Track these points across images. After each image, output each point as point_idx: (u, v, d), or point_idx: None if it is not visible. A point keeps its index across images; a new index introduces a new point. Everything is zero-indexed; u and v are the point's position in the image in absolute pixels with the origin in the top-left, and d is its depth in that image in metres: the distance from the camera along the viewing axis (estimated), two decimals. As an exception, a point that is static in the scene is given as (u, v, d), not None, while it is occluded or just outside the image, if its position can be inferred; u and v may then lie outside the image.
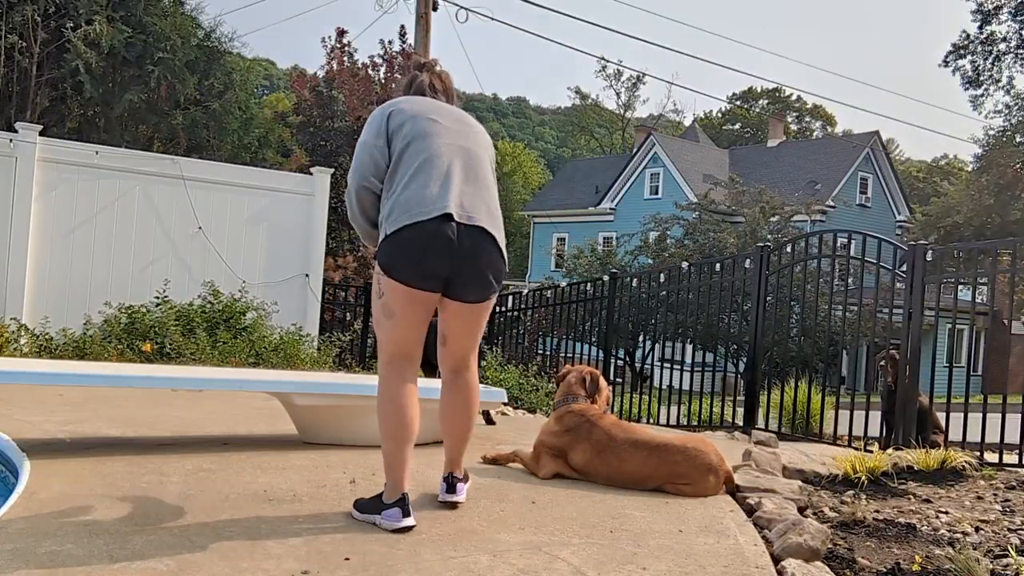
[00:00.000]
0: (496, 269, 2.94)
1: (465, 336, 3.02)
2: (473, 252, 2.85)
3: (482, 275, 2.90)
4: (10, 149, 7.81)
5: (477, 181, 2.94)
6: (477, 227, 2.85)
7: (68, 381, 4.54)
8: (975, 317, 14.23)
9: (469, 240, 2.83)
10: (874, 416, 6.55)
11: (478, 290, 2.92)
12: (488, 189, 2.98)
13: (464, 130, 3.05)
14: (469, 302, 2.94)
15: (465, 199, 2.86)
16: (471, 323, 3.01)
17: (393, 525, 2.74)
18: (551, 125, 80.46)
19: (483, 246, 2.88)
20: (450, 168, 2.89)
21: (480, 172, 2.97)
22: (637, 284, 9.54)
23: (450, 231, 2.79)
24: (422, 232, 2.77)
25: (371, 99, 12.04)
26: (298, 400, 4.15)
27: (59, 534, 2.53)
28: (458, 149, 2.96)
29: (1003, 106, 31.35)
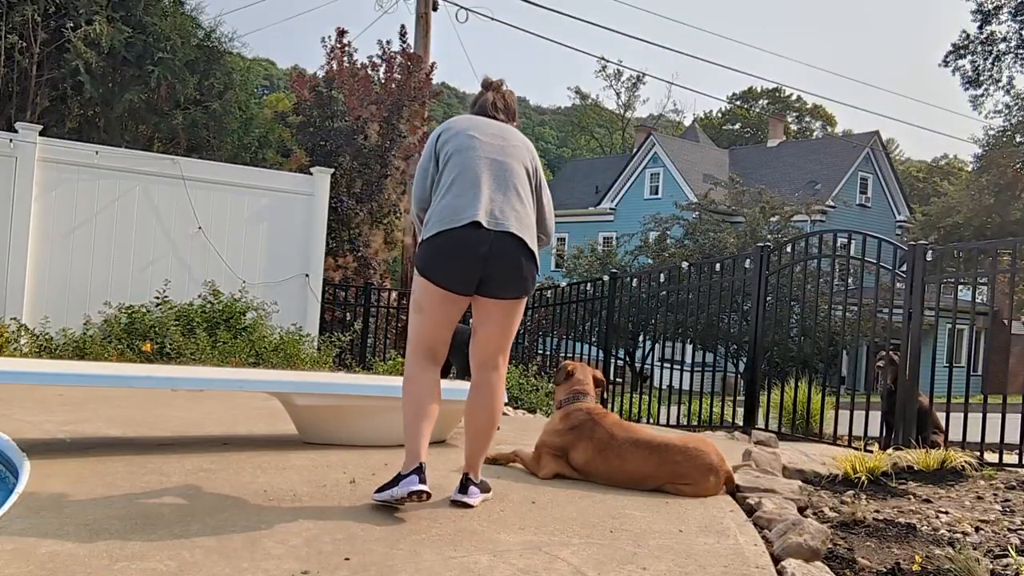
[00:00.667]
0: (527, 271, 3.17)
1: (495, 333, 3.22)
2: (503, 256, 3.09)
3: (512, 277, 3.14)
4: (10, 149, 7.81)
5: (507, 190, 3.17)
6: (507, 232, 3.09)
7: (68, 381, 4.55)
8: (975, 317, 14.23)
9: (499, 245, 3.08)
10: (874, 416, 6.55)
11: (511, 288, 3.15)
12: (519, 197, 3.19)
13: (500, 144, 3.27)
14: (500, 299, 3.16)
15: (495, 207, 3.11)
16: (503, 319, 3.21)
17: (408, 488, 2.92)
18: (551, 125, 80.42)
19: (512, 250, 3.12)
20: (480, 179, 3.14)
21: (511, 181, 3.20)
22: (637, 284, 9.54)
23: (479, 237, 3.06)
24: (452, 238, 3.07)
25: (371, 99, 12.02)
26: (298, 400, 4.15)
27: (59, 534, 2.53)
28: (491, 162, 3.20)
29: (1003, 106, 31.38)
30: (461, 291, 3.12)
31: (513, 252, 3.11)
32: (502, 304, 3.18)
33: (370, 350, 10.78)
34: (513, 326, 3.26)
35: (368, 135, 11.67)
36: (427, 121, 13.40)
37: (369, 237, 11.62)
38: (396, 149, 11.95)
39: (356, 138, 11.64)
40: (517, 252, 3.12)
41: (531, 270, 3.19)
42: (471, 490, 3.16)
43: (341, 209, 11.17)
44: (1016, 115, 30.05)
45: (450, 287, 3.10)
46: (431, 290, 3.13)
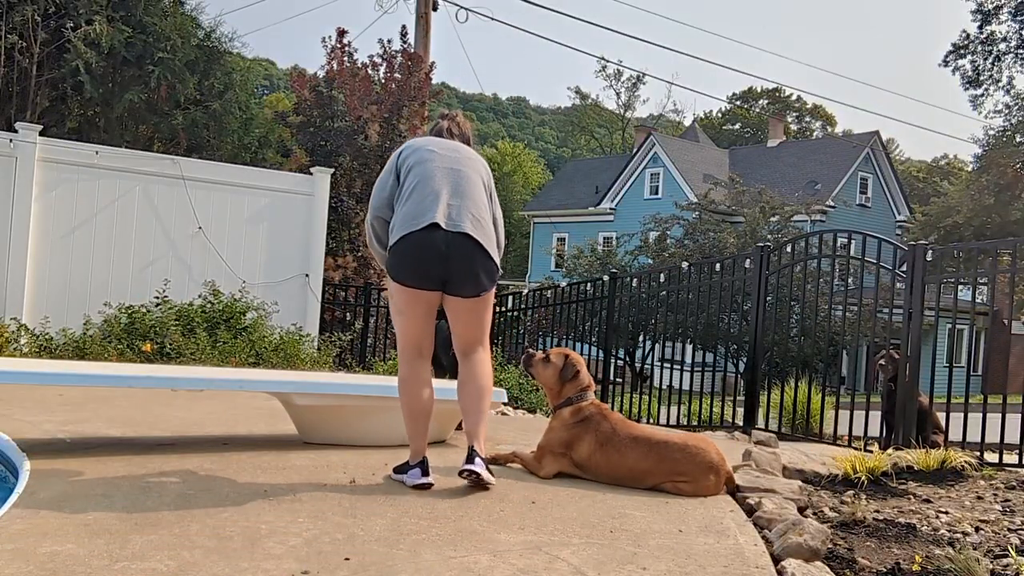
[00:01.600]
0: (484, 268, 3.44)
1: (468, 327, 3.53)
2: (460, 255, 3.37)
3: (471, 274, 3.42)
4: (10, 149, 7.81)
5: (463, 195, 3.46)
6: (462, 233, 3.37)
7: (68, 381, 4.55)
8: (975, 317, 14.24)
9: (456, 244, 3.36)
10: (874, 416, 6.55)
11: (470, 287, 3.43)
12: (475, 202, 3.48)
13: (455, 156, 3.59)
14: (464, 297, 3.45)
15: (452, 211, 3.39)
16: (470, 315, 3.50)
17: (414, 482, 3.34)
18: (551, 125, 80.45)
19: (469, 250, 3.39)
20: (439, 186, 3.44)
21: (467, 188, 3.49)
22: (637, 284, 9.53)
23: (437, 237, 3.34)
24: (414, 240, 3.35)
25: (371, 99, 12.03)
26: (298, 400, 4.15)
27: (59, 534, 2.53)
28: (448, 171, 3.51)
29: (1003, 106, 31.35)
30: (428, 287, 3.40)
31: (469, 252, 3.39)
32: (465, 302, 3.47)
33: (370, 350, 10.78)
34: (482, 320, 3.54)
35: (368, 135, 11.67)
36: (427, 121, 13.40)
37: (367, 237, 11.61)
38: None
39: (356, 138, 11.64)
40: (473, 252, 3.39)
41: (489, 268, 3.45)
42: (476, 460, 3.33)
43: (341, 209, 11.17)
44: (1016, 115, 30.04)
45: (417, 285, 3.40)
46: (403, 291, 3.43)
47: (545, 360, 3.87)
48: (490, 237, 3.47)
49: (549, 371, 3.85)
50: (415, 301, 3.42)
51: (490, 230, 3.49)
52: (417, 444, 3.41)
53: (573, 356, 3.89)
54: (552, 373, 3.83)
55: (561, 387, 3.82)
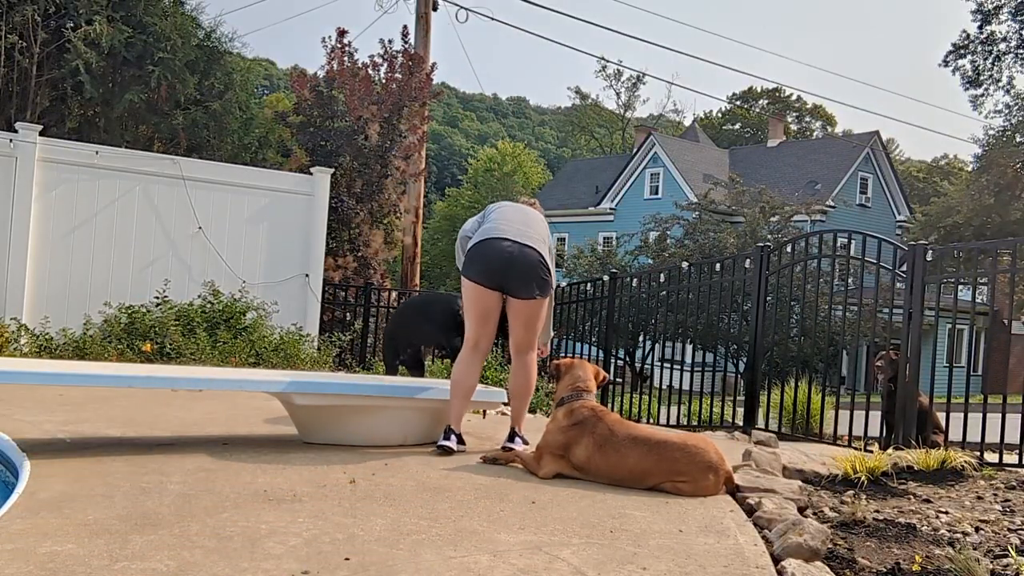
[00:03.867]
0: (540, 277, 4.15)
1: (519, 328, 4.21)
2: (524, 260, 4.12)
3: (529, 279, 4.13)
4: (10, 149, 7.81)
5: (529, 227, 4.30)
6: (528, 245, 4.16)
7: (68, 381, 4.55)
8: (975, 317, 14.24)
9: (521, 252, 4.13)
10: (874, 416, 6.55)
11: (526, 290, 4.13)
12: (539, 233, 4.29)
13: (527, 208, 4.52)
14: (520, 298, 4.15)
15: (520, 234, 4.21)
16: (523, 318, 4.19)
17: (438, 443, 4.14)
18: (551, 125, 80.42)
19: (531, 257, 4.14)
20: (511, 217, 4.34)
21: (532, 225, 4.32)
22: (637, 284, 9.53)
23: (505, 244, 4.14)
24: (485, 245, 4.19)
25: (371, 99, 12.02)
26: (298, 400, 4.15)
27: (59, 534, 2.53)
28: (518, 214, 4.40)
29: (1003, 106, 31.37)
30: (489, 285, 4.12)
31: (532, 259, 4.13)
32: (521, 304, 4.15)
33: (370, 350, 10.78)
34: (534, 324, 4.21)
35: (368, 135, 11.66)
36: (427, 121, 13.39)
37: (369, 237, 11.62)
38: (396, 149, 11.94)
39: (356, 138, 11.63)
40: (534, 259, 4.14)
41: (544, 279, 4.17)
42: (516, 440, 4.16)
43: (341, 209, 11.16)
44: (1016, 115, 30.03)
45: (481, 281, 4.14)
46: (468, 287, 4.18)
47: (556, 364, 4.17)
48: (548, 258, 4.19)
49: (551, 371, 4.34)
50: (478, 298, 4.15)
51: (546, 251, 4.22)
52: (451, 416, 4.19)
53: (567, 360, 4.16)
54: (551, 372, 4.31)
55: (558, 386, 3.98)
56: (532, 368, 4.30)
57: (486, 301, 4.17)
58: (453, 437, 4.12)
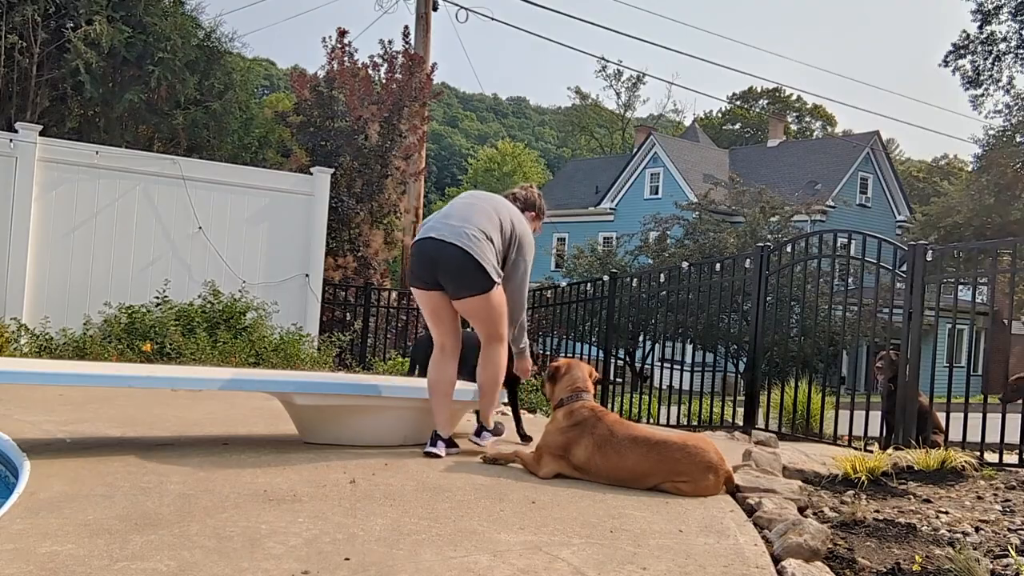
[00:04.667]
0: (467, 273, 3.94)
1: (475, 323, 4.12)
2: (446, 261, 3.95)
3: (454, 279, 3.97)
4: (10, 149, 7.81)
5: (466, 219, 4.03)
6: (448, 243, 3.94)
7: (68, 381, 4.54)
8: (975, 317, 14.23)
9: (443, 253, 3.94)
10: (874, 416, 6.55)
11: (457, 289, 4.00)
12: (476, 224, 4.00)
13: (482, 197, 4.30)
14: (455, 298, 4.04)
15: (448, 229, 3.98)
16: (472, 315, 4.08)
17: (427, 450, 4.01)
18: (551, 125, 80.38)
19: (452, 257, 3.93)
20: (449, 211, 4.15)
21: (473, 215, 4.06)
22: (637, 284, 9.53)
23: (429, 245, 4.00)
24: (415, 248, 4.09)
25: (372, 99, 12.02)
26: (298, 400, 4.15)
27: (59, 534, 2.53)
28: (464, 205, 4.19)
29: (1003, 106, 31.33)
30: (423, 287, 4.07)
31: (455, 259, 3.93)
32: (460, 304, 4.05)
33: (370, 350, 10.78)
34: (486, 318, 4.06)
35: (368, 135, 11.66)
36: (427, 121, 13.39)
37: (369, 237, 11.62)
38: (396, 149, 11.94)
39: (356, 138, 11.63)
40: (458, 259, 3.93)
41: (475, 274, 3.94)
42: (483, 434, 4.21)
43: (341, 209, 11.16)
44: (1016, 115, 30.02)
45: (415, 284, 4.13)
46: (413, 291, 4.20)
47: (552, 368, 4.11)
48: (482, 250, 3.94)
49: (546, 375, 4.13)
50: (423, 302, 4.13)
51: (484, 246, 3.96)
52: (436, 420, 4.09)
53: (564, 361, 4.11)
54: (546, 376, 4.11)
55: (556, 388, 3.94)
56: (499, 359, 4.16)
57: (430, 302, 4.12)
58: (441, 443, 4.02)
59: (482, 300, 3.99)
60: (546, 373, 4.10)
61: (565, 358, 4.33)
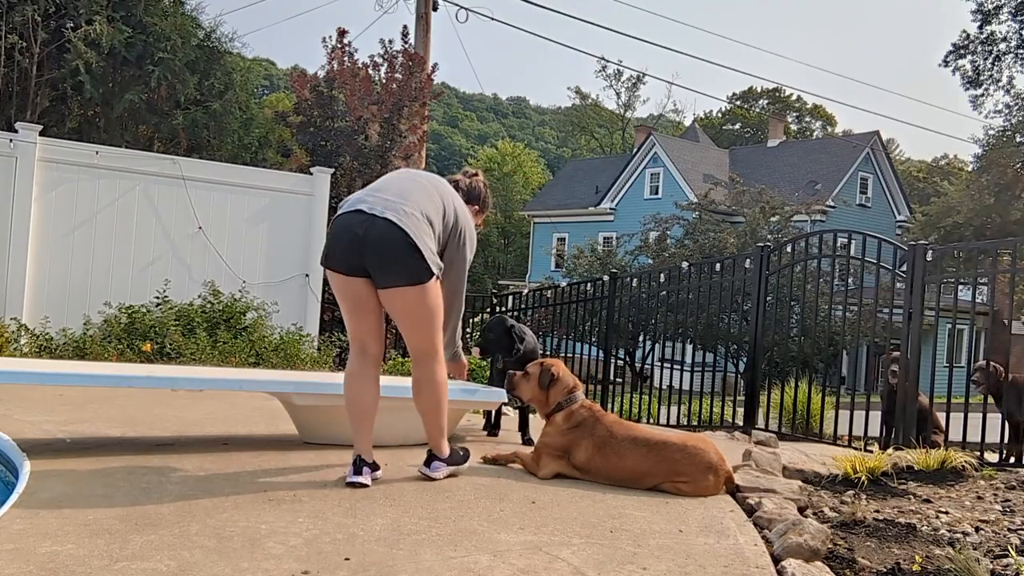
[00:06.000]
0: (404, 258, 3.25)
1: (404, 328, 3.41)
2: (376, 239, 3.24)
3: (386, 262, 3.26)
4: (10, 149, 7.81)
5: (404, 196, 3.38)
6: (382, 218, 3.25)
7: (68, 381, 4.54)
8: (975, 317, 14.21)
9: (373, 228, 3.24)
10: (874, 416, 6.55)
11: (387, 276, 3.28)
12: (415, 202, 3.36)
13: (420, 174, 3.65)
14: (384, 288, 3.31)
15: (381, 203, 3.31)
16: (401, 314, 3.37)
17: (346, 480, 3.33)
18: (551, 125, 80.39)
19: (385, 234, 3.24)
20: (383, 185, 3.47)
21: (412, 192, 3.42)
22: (637, 284, 9.53)
23: (355, 219, 3.29)
24: (337, 222, 3.37)
25: (372, 99, 12.02)
26: (298, 400, 4.15)
27: (59, 534, 2.53)
28: (401, 179, 3.54)
29: (1003, 106, 31.37)
30: (345, 271, 3.31)
31: (387, 235, 3.23)
32: (386, 295, 3.32)
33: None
34: (418, 321, 3.35)
35: (368, 135, 11.66)
36: (427, 121, 13.38)
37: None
38: (396, 149, 11.93)
39: (356, 138, 11.63)
40: (391, 236, 3.23)
41: (412, 256, 3.25)
42: (433, 464, 3.52)
43: (341, 209, 11.14)
44: (1016, 115, 30.03)
45: (335, 268, 3.34)
46: (328, 275, 3.41)
47: (524, 375, 3.91)
48: (420, 232, 3.29)
49: (531, 383, 3.87)
50: (341, 290, 3.38)
51: (423, 228, 3.32)
52: (357, 442, 3.38)
53: (548, 362, 3.92)
54: (533, 384, 3.86)
55: (546, 395, 3.84)
56: (439, 378, 3.46)
57: (350, 290, 3.36)
58: (366, 469, 3.34)
59: (415, 293, 3.29)
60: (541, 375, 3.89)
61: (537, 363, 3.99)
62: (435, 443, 3.51)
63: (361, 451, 3.36)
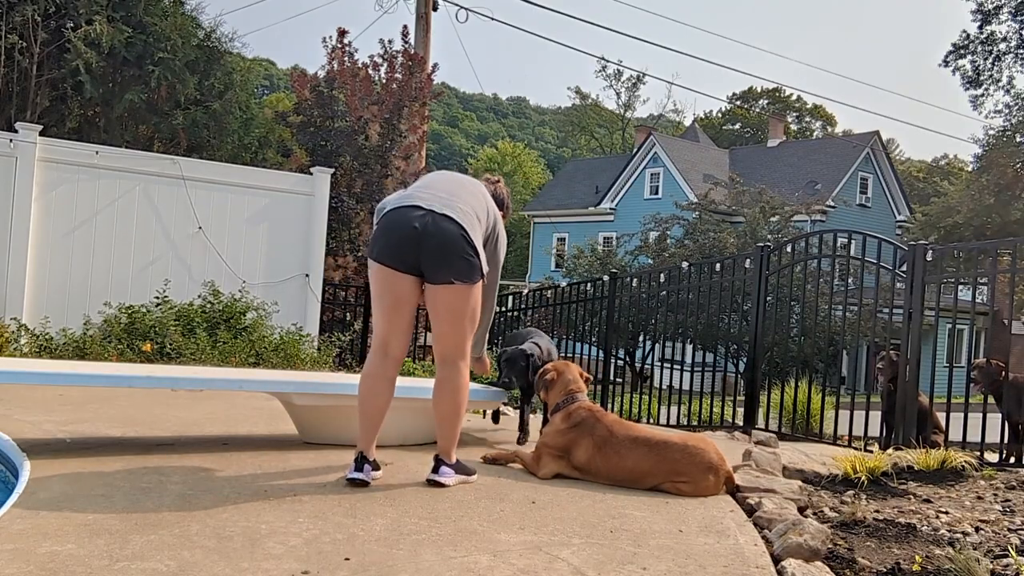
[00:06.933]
0: (462, 255, 3.28)
1: (445, 325, 3.36)
2: (436, 232, 3.26)
3: (445, 257, 3.26)
4: (10, 149, 7.80)
5: (454, 195, 3.42)
6: (442, 214, 3.28)
7: (68, 381, 4.54)
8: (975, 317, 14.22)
9: (433, 222, 3.27)
10: (874, 416, 6.55)
11: (443, 271, 3.28)
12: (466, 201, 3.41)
13: (464, 177, 3.65)
14: (436, 283, 3.31)
15: (437, 200, 3.34)
16: (444, 312, 3.34)
17: (347, 476, 3.34)
18: (551, 125, 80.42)
19: (446, 230, 3.26)
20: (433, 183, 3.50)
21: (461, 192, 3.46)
22: (637, 284, 9.53)
23: (414, 213, 3.29)
24: (392, 216, 3.34)
25: (372, 99, 12.02)
26: (298, 400, 4.15)
27: (59, 534, 2.53)
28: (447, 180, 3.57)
29: (1003, 106, 31.41)
30: (399, 267, 3.29)
31: (449, 232, 3.25)
32: (438, 291, 3.30)
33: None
34: (460, 320, 3.34)
35: (368, 135, 11.67)
36: (427, 121, 13.39)
37: (369, 237, 11.61)
38: (397, 149, 11.94)
39: (357, 138, 11.63)
40: (452, 233, 3.26)
41: (470, 258, 3.29)
42: (441, 469, 3.39)
43: (341, 209, 11.16)
44: (1016, 115, 30.03)
45: (389, 263, 3.30)
46: (376, 271, 3.36)
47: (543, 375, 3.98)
48: (476, 232, 3.34)
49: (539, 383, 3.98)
50: (385, 285, 3.34)
51: (477, 226, 3.37)
52: (362, 439, 3.38)
53: (553, 366, 3.99)
54: (540, 384, 3.97)
55: (546, 395, 3.92)
56: (462, 383, 3.41)
57: (396, 287, 3.32)
58: (367, 466, 3.34)
59: (464, 292, 3.30)
60: (537, 381, 3.97)
61: (552, 363, 4.08)
62: (446, 448, 3.42)
63: (364, 448, 3.36)
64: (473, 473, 3.52)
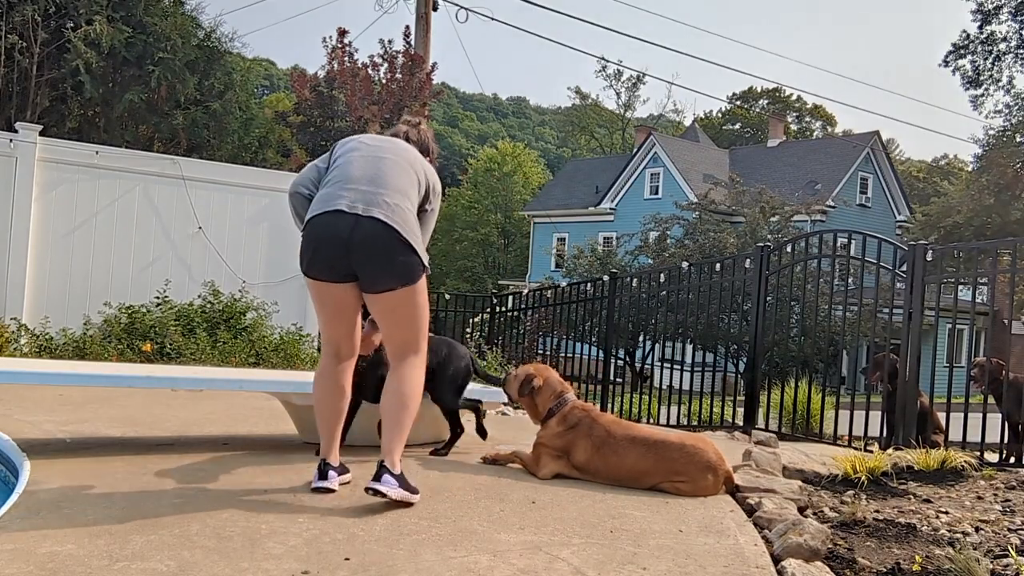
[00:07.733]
0: (397, 259, 3.07)
1: (391, 328, 3.22)
2: (366, 242, 3.03)
3: (379, 265, 3.06)
4: (10, 149, 7.81)
5: (380, 183, 3.14)
6: (370, 217, 3.04)
7: (68, 381, 4.55)
8: (975, 317, 14.23)
9: (361, 229, 3.03)
10: (874, 416, 6.55)
11: (380, 280, 3.09)
12: (394, 188, 3.15)
13: (385, 146, 3.35)
14: (374, 293, 3.14)
15: (362, 197, 3.08)
16: (388, 316, 3.19)
17: (313, 484, 3.23)
18: (551, 125, 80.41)
19: (376, 235, 3.04)
20: (356, 173, 3.18)
21: (387, 176, 3.18)
22: (637, 284, 9.53)
23: (342, 223, 3.04)
24: (318, 224, 3.10)
25: (372, 99, 12.03)
26: (298, 400, 4.14)
27: (59, 534, 2.53)
28: (371, 159, 3.24)
29: (1003, 106, 31.35)
30: (331, 278, 3.12)
31: (380, 238, 3.03)
32: (380, 299, 3.14)
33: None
34: (405, 319, 3.17)
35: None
36: (427, 120, 13.40)
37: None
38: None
39: (356, 138, 11.63)
40: (382, 237, 3.03)
41: (404, 259, 3.07)
42: (384, 478, 2.97)
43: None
44: (1016, 115, 30.01)
45: (318, 276, 3.13)
46: (310, 284, 3.19)
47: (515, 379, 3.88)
48: (410, 228, 3.10)
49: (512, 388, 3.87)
50: (322, 296, 3.19)
51: (411, 223, 3.13)
52: (323, 446, 3.28)
53: (532, 369, 3.89)
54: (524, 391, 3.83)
55: (533, 401, 3.84)
56: (414, 379, 3.18)
57: (334, 296, 3.18)
58: (331, 473, 3.21)
59: (407, 293, 3.11)
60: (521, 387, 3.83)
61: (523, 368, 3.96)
62: (391, 453, 3.04)
63: (325, 454, 3.25)
64: (416, 493, 3.08)
